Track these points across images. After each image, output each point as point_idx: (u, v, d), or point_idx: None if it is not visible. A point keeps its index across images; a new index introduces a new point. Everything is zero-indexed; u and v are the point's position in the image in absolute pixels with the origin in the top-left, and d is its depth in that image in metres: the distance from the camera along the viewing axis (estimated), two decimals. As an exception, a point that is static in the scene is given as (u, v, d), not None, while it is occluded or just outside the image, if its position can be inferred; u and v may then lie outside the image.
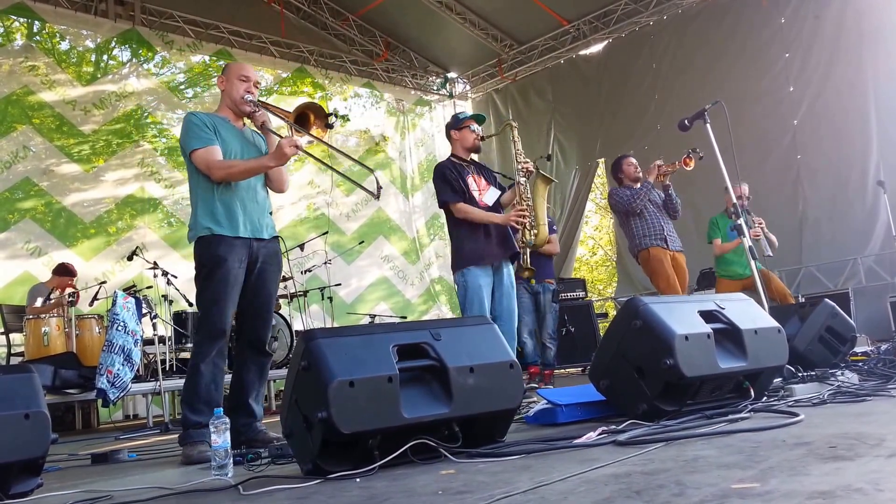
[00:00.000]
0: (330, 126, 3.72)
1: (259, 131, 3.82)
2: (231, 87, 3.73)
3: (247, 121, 3.87)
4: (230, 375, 3.83)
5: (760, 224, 6.86)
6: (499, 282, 4.67)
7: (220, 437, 2.60)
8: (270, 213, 3.84)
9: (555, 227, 6.42)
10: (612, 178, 6.52)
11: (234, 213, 3.59)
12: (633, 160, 6.37)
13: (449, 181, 4.70)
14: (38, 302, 7.28)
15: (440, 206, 4.85)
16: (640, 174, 6.26)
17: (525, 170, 4.71)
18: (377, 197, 3.94)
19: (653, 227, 6.12)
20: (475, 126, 4.87)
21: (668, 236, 6.14)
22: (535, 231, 4.65)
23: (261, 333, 3.75)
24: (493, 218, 4.63)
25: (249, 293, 3.68)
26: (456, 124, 4.94)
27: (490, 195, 4.77)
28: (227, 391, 3.80)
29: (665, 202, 6.25)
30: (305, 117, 3.66)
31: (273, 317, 3.86)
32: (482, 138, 4.94)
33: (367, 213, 12.22)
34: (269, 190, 3.90)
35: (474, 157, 5.02)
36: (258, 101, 3.74)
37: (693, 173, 6.47)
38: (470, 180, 4.74)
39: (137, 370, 6.49)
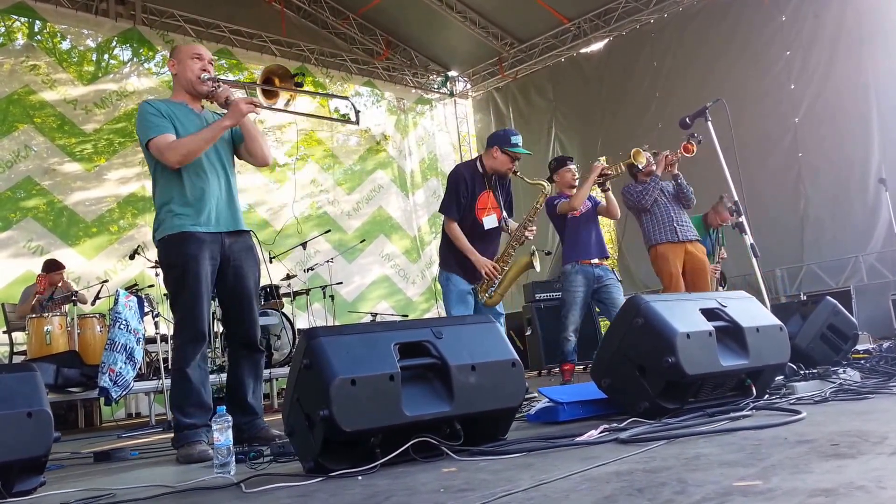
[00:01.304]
0: (299, 85, 3.62)
1: (224, 110, 3.54)
2: (184, 68, 3.53)
3: (206, 104, 3.68)
4: (225, 376, 3.79)
5: (719, 263, 7.21)
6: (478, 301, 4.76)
7: (223, 435, 2.60)
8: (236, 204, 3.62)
9: (608, 186, 6.00)
10: (629, 174, 6.39)
11: (201, 207, 3.41)
12: (648, 154, 6.24)
13: (457, 193, 4.67)
14: (31, 301, 7.31)
15: (440, 211, 4.87)
16: (654, 167, 6.20)
17: (524, 238, 4.70)
18: (357, 121, 3.80)
19: (662, 221, 6.07)
20: (518, 160, 4.75)
21: (679, 227, 6.06)
22: (491, 295, 4.66)
23: (250, 332, 3.63)
24: (471, 256, 4.63)
25: (230, 294, 3.56)
26: (504, 144, 4.69)
27: (491, 220, 4.73)
28: (225, 392, 3.78)
29: (676, 192, 6.19)
30: (271, 84, 3.51)
31: (258, 312, 3.70)
32: (515, 172, 4.81)
33: (368, 212, 12.25)
34: (254, 165, 3.74)
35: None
36: (216, 77, 3.55)
37: (693, 172, 6.45)
38: (482, 196, 4.72)
39: (139, 369, 6.50)
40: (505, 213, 4.81)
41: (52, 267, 7.66)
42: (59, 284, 7.48)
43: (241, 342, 3.65)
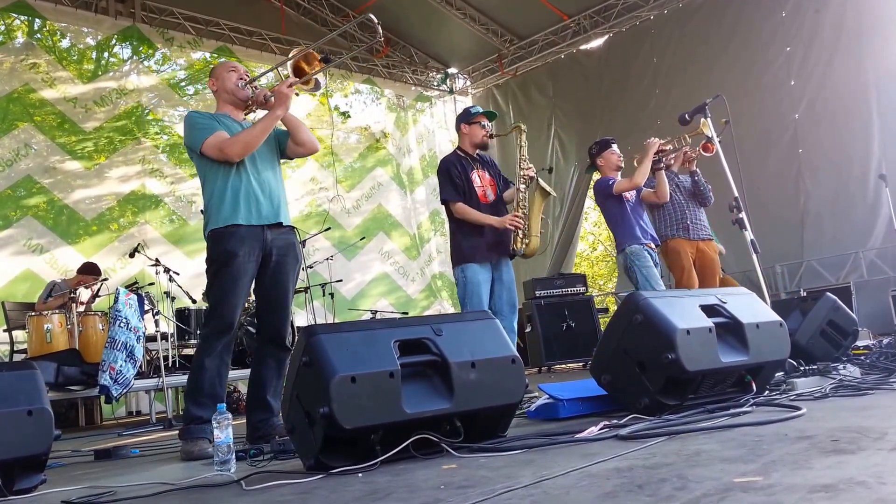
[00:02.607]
0: (328, 61, 3.73)
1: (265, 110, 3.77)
2: (223, 81, 3.75)
3: (248, 116, 3.88)
4: (248, 371, 3.83)
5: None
6: (498, 277, 4.71)
7: (223, 432, 2.60)
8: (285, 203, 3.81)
9: (661, 164, 5.74)
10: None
11: (244, 203, 3.54)
12: (667, 147, 5.95)
13: (451, 178, 4.73)
14: (50, 299, 7.30)
15: (441, 203, 4.87)
16: (672, 161, 6.01)
17: (526, 177, 4.71)
18: (378, 36, 3.90)
19: (672, 217, 5.94)
20: (486, 122, 4.86)
21: (692, 224, 5.92)
22: (527, 241, 4.65)
23: (280, 328, 3.70)
24: (489, 220, 4.66)
25: (265, 288, 3.65)
26: (466, 118, 4.89)
27: (493, 192, 4.80)
28: (247, 387, 3.81)
29: (693, 189, 6.04)
30: (301, 69, 3.65)
31: (290, 310, 3.81)
32: (491, 136, 4.90)
33: (368, 209, 12.25)
34: (305, 156, 4.02)
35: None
36: (252, 79, 3.80)
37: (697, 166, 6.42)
38: (474, 176, 4.77)
39: (140, 367, 6.50)
40: (502, 184, 4.89)
41: (84, 270, 7.66)
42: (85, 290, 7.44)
43: (269, 338, 3.72)
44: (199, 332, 3.46)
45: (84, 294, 7.24)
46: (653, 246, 5.68)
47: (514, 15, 12.39)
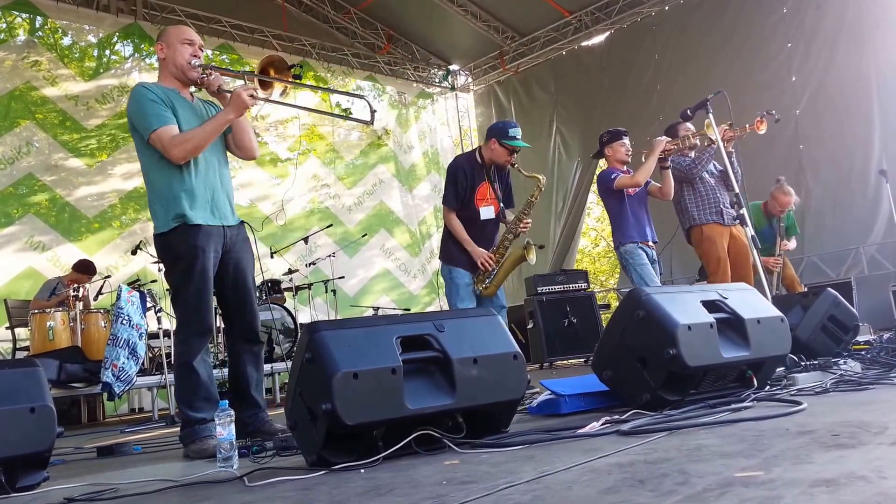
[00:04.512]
0: (297, 77, 3.60)
1: (213, 99, 3.55)
2: (174, 52, 3.42)
3: (195, 91, 3.61)
4: (226, 371, 3.78)
5: (782, 255, 6.98)
6: None
7: (225, 429, 2.61)
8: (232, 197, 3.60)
9: (668, 164, 5.58)
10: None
11: (205, 199, 3.37)
12: (690, 125, 5.67)
13: (456, 185, 4.69)
14: (47, 296, 7.32)
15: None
16: (697, 141, 5.68)
17: (519, 231, 4.68)
18: (371, 122, 3.79)
19: (708, 200, 5.75)
20: (517, 153, 4.71)
21: (726, 210, 5.71)
22: (486, 285, 4.65)
23: (252, 324, 3.61)
24: (467, 245, 4.67)
25: (230, 287, 3.53)
26: (501, 136, 4.67)
27: (488, 211, 4.73)
28: (228, 386, 3.76)
29: (723, 173, 5.65)
30: (267, 74, 3.47)
31: (256, 304, 3.68)
32: (513, 165, 4.74)
33: (370, 205, 12.27)
34: (241, 159, 3.72)
35: None
36: (209, 65, 3.50)
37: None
38: (481, 186, 4.72)
39: (142, 364, 6.51)
40: (503, 205, 4.80)
41: (79, 269, 7.69)
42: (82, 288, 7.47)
43: (242, 335, 3.63)
44: (179, 335, 3.36)
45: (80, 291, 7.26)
46: (650, 244, 5.59)
47: (516, 12, 12.39)
